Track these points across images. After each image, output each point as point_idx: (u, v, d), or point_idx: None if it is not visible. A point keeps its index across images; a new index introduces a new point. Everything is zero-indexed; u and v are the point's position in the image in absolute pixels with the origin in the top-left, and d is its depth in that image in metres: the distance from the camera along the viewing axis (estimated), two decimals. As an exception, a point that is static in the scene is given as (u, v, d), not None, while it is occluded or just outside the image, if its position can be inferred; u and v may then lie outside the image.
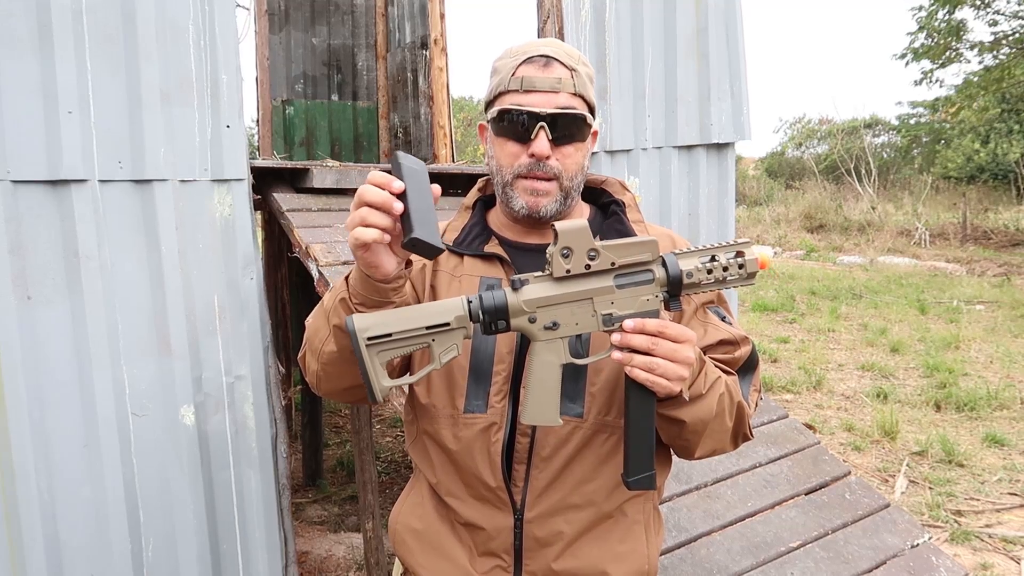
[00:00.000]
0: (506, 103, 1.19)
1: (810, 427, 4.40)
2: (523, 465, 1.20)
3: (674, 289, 1.05)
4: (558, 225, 1.03)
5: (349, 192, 2.97)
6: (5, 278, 2.17)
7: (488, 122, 1.24)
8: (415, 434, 1.31)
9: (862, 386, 6.07)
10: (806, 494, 2.53)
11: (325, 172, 2.87)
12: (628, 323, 1.02)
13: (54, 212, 2.24)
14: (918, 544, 2.40)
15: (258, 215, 4.14)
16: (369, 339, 1.02)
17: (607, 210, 1.33)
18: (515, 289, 1.04)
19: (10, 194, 2.17)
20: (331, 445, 5.06)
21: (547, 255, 1.04)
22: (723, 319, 1.25)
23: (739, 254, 1.06)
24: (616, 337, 1.03)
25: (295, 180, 2.96)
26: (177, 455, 2.44)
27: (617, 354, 1.03)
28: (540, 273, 1.05)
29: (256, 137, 6.17)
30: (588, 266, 1.03)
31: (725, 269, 1.05)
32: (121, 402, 2.34)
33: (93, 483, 2.31)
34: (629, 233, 1.26)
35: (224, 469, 2.53)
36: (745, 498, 2.42)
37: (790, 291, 9.99)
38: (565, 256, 1.03)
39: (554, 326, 1.05)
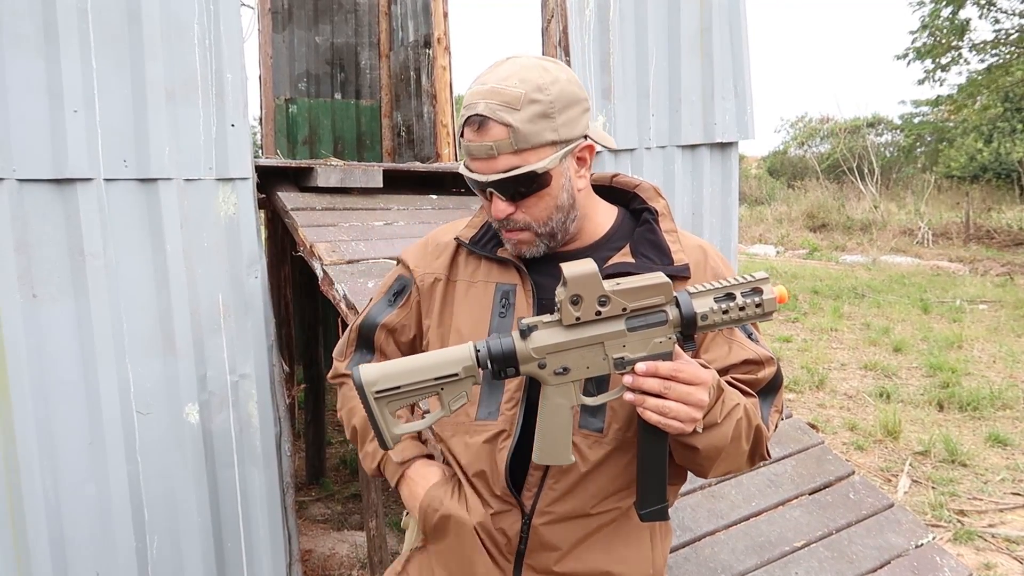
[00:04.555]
0: (462, 166, 1.19)
1: (813, 426, 4.40)
2: (540, 471, 1.19)
3: (688, 330, 1.03)
4: (567, 270, 1.00)
5: (353, 191, 2.97)
6: (11, 276, 2.17)
7: None
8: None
9: (865, 385, 6.07)
10: (810, 494, 2.53)
11: (329, 171, 2.87)
12: (640, 367, 1.00)
13: (59, 211, 2.24)
14: (922, 544, 2.40)
15: (262, 214, 4.14)
16: (377, 393, 1.02)
17: (639, 216, 1.29)
18: (524, 336, 1.03)
19: (15, 193, 2.17)
20: (334, 443, 5.06)
21: (556, 300, 1.03)
22: (750, 336, 1.21)
23: (756, 290, 1.03)
24: (628, 379, 1.01)
25: (299, 179, 2.96)
26: (181, 453, 2.44)
27: (629, 395, 1.01)
28: (549, 318, 1.04)
29: (259, 136, 6.17)
30: (599, 312, 1.01)
31: (742, 308, 1.02)
32: (126, 400, 2.35)
33: (98, 481, 2.31)
34: (661, 244, 1.23)
35: (228, 467, 2.54)
36: (749, 498, 2.42)
37: (793, 290, 9.97)
38: (575, 303, 1.00)
39: (564, 371, 1.03)
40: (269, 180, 2.91)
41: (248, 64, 2.64)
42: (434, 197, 3.16)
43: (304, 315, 4.70)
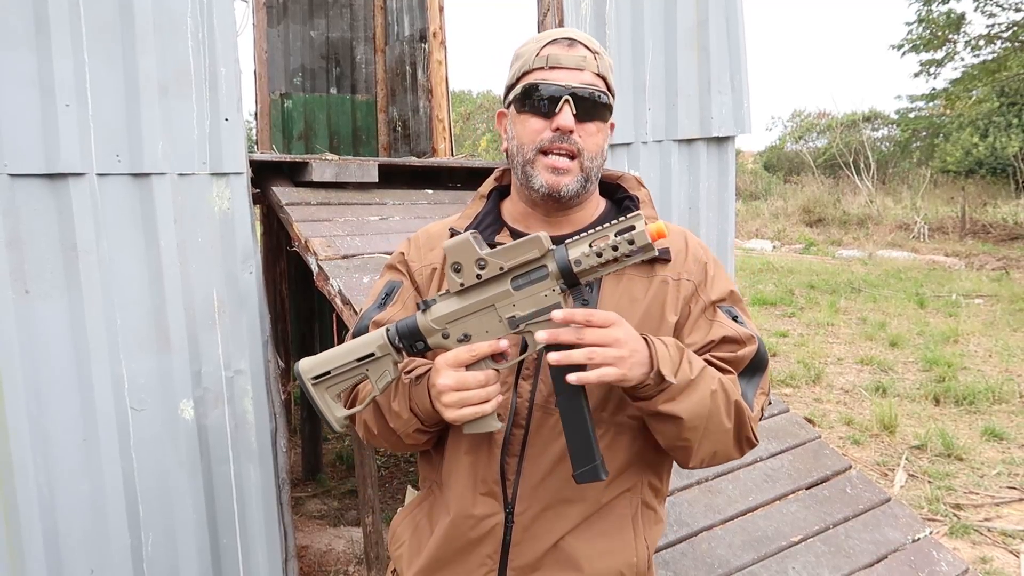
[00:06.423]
0: (530, 80, 1.20)
1: (809, 421, 4.40)
2: (515, 458, 1.19)
3: (569, 279, 1.05)
4: (444, 245, 1.08)
5: (348, 186, 2.96)
6: (3, 272, 2.16)
7: (510, 103, 1.24)
8: None
9: (861, 380, 6.08)
10: (807, 488, 2.53)
11: (324, 165, 2.85)
12: (556, 314, 1.02)
13: (52, 206, 2.23)
14: (919, 538, 2.40)
15: (257, 209, 4.12)
16: (314, 379, 1.15)
17: (621, 205, 1.32)
18: (423, 310, 1.11)
19: (7, 188, 2.15)
20: (330, 439, 5.05)
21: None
22: (735, 318, 1.22)
23: (629, 228, 1.03)
24: (542, 335, 1.03)
25: (294, 174, 2.95)
26: (176, 450, 2.43)
27: (553, 356, 1.02)
28: (444, 292, 1.11)
29: (254, 131, 6.15)
30: (479, 276, 1.07)
31: (615, 248, 1.02)
32: (120, 397, 2.34)
33: (92, 478, 2.30)
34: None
35: (223, 463, 2.53)
36: (746, 492, 2.42)
37: (789, 285, 9.99)
38: (456, 271, 1.08)
39: (466, 338, 1.10)
40: (264, 175, 2.90)
41: (243, 59, 2.63)
42: (430, 192, 3.14)
43: (300, 310, 4.68)
